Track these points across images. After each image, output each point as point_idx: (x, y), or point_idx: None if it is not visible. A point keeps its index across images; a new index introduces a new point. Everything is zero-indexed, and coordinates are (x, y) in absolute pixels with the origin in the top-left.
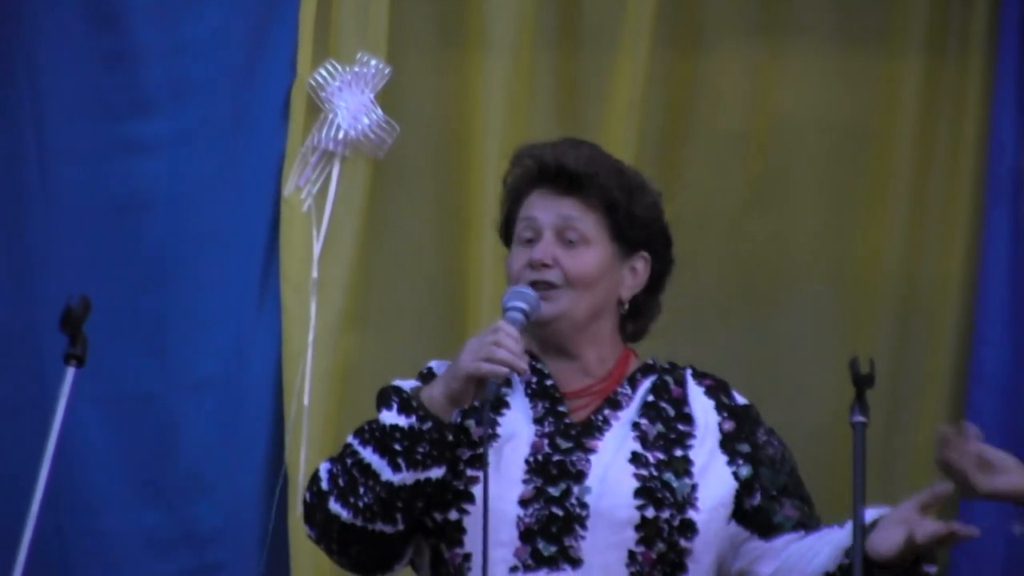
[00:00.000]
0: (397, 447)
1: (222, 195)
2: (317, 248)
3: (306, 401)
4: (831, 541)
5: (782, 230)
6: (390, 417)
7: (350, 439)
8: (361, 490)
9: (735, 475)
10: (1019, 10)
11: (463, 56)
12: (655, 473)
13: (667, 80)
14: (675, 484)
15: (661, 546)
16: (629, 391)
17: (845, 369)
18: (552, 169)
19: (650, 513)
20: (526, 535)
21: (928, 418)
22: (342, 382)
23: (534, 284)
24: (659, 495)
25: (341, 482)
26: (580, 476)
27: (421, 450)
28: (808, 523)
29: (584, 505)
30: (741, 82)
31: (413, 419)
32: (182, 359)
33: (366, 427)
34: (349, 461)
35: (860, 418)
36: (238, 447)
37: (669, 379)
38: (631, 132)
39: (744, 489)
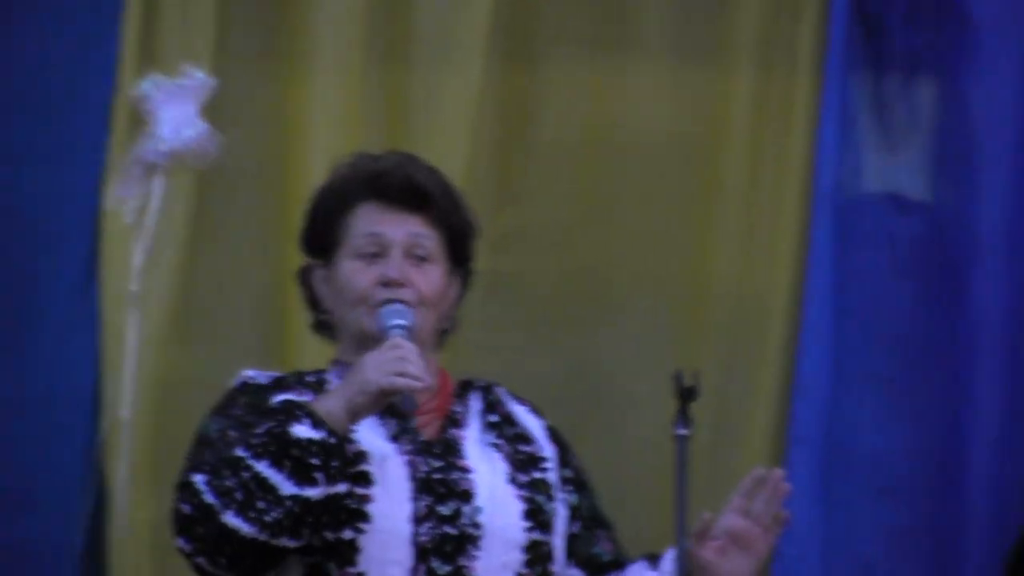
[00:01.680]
0: (315, 461)
1: (44, 210)
2: (138, 261)
3: (126, 414)
4: None
5: (614, 244)
6: (304, 431)
7: (240, 452)
8: (262, 504)
9: (566, 502)
10: (845, 26)
11: (290, 68)
12: (531, 495)
13: (500, 94)
14: (546, 507)
15: (539, 569)
16: (461, 408)
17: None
18: (399, 184)
19: (537, 536)
20: (421, 554)
21: (755, 431)
22: (165, 395)
23: (388, 303)
24: (542, 518)
25: (239, 496)
26: (467, 495)
27: (335, 464)
28: (621, 555)
29: (477, 525)
30: (574, 96)
31: (325, 433)
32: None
33: (257, 440)
34: (246, 475)
35: (683, 431)
36: (57, 464)
37: (492, 398)
38: (463, 146)
39: (571, 517)
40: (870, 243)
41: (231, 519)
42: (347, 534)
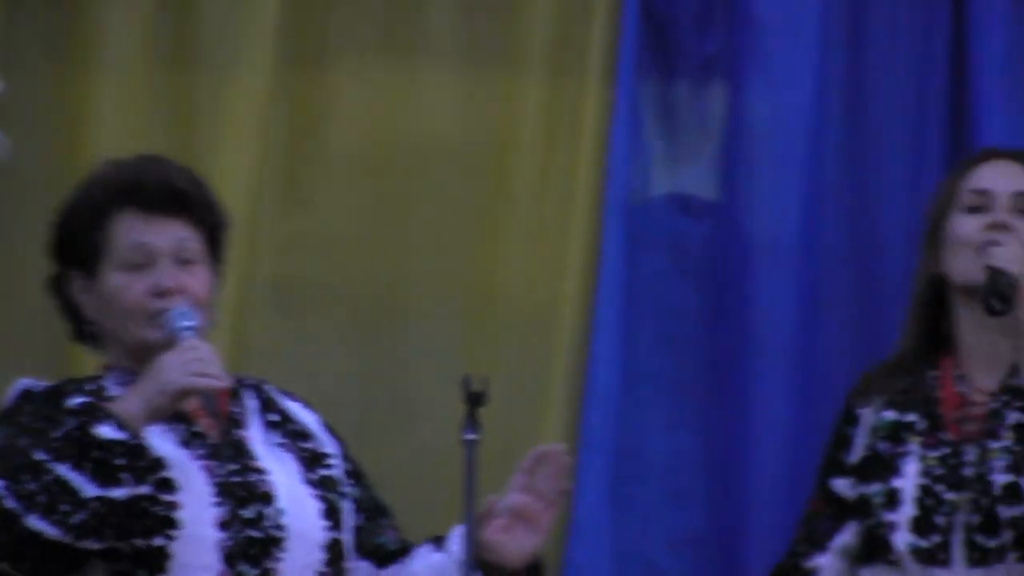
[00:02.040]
0: (119, 462)
1: None
2: None
3: None
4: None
5: (403, 249)
6: (107, 432)
7: (39, 456)
8: (65, 507)
9: (350, 495)
10: (636, 31)
11: (76, 72)
12: (324, 493)
13: (290, 99)
14: (339, 505)
15: (337, 567)
16: (239, 408)
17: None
18: (158, 190)
19: (335, 534)
20: (229, 559)
21: (546, 437)
22: None
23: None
24: (337, 516)
25: (41, 499)
26: (268, 498)
27: (142, 464)
28: (406, 541)
29: (280, 527)
30: (364, 100)
31: (128, 434)
32: None
33: (57, 443)
34: (47, 478)
35: (471, 435)
36: None
37: (265, 396)
38: (250, 150)
39: (356, 510)
40: (659, 248)
41: (34, 523)
42: (157, 541)
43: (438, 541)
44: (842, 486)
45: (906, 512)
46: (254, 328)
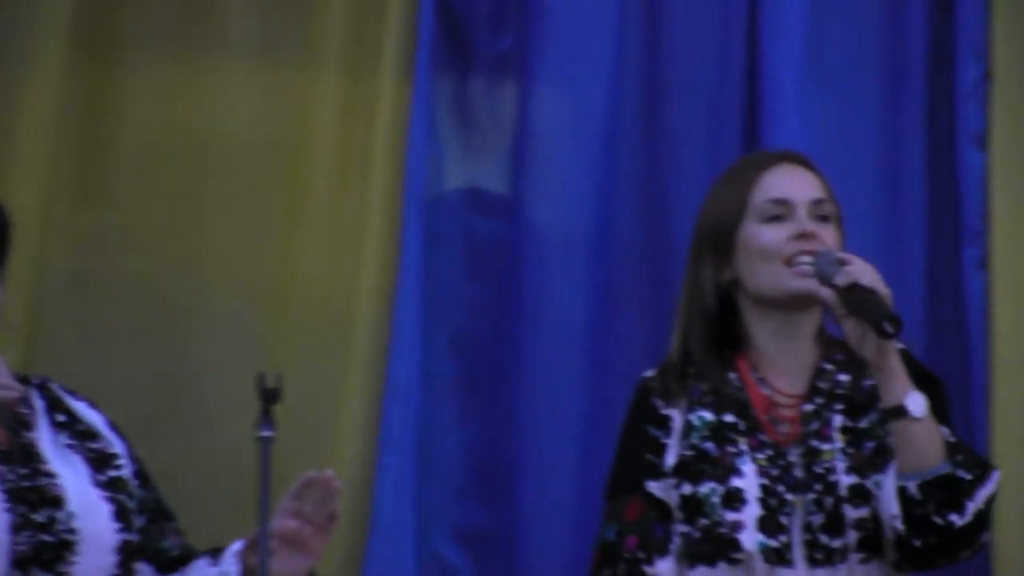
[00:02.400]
0: None
1: None
2: None
3: None
4: None
5: (200, 245)
6: None
7: None
8: None
9: (134, 496)
10: (432, 28)
11: None
12: (114, 495)
13: (84, 95)
14: (129, 506)
15: (127, 569)
16: (27, 409)
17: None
18: None
19: (127, 536)
20: (20, 564)
21: (344, 435)
22: None
23: None
24: (128, 517)
25: None
26: (58, 501)
27: None
28: (189, 548)
29: (73, 531)
30: (159, 96)
31: None
32: None
33: None
34: None
35: (266, 432)
36: None
37: (51, 395)
38: (44, 145)
39: (139, 511)
40: (454, 245)
41: None
42: None
43: (215, 554)
44: (657, 488)
45: (752, 511)
46: (48, 324)
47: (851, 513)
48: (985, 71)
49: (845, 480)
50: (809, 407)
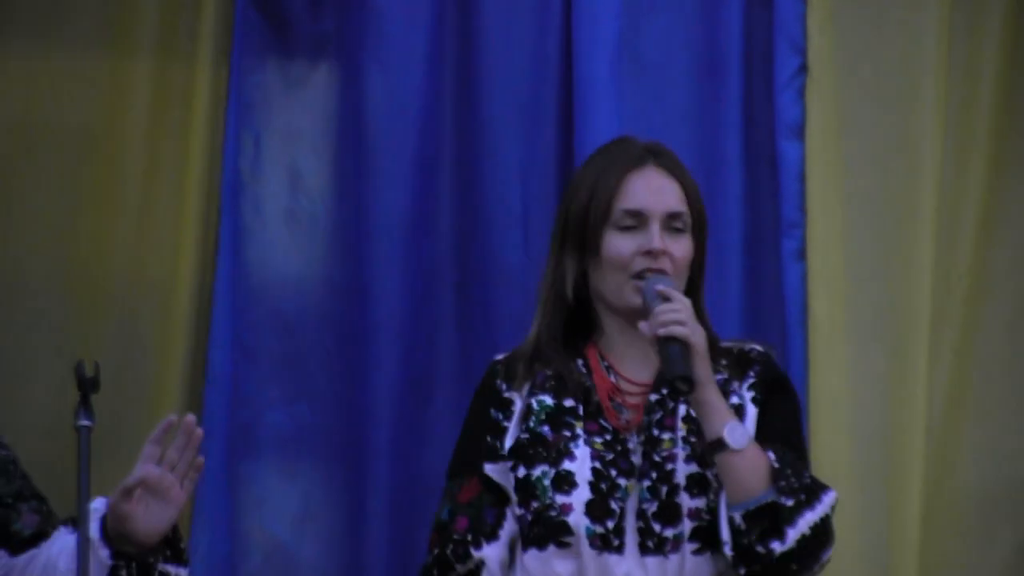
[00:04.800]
0: None
1: None
2: None
3: None
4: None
5: (15, 230)
6: None
7: None
8: None
9: None
10: (250, 11)
11: None
12: None
13: None
14: None
15: None
16: None
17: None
18: None
19: None
20: None
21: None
22: None
23: None
24: None
25: None
26: None
27: None
28: (45, 526)
29: None
30: None
31: None
32: None
33: None
34: None
35: (85, 422)
36: None
37: None
38: None
39: None
40: (275, 227)
41: None
42: None
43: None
44: (495, 471)
45: (582, 495)
46: None
47: (687, 502)
48: (802, 63)
49: (684, 469)
50: (655, 396)
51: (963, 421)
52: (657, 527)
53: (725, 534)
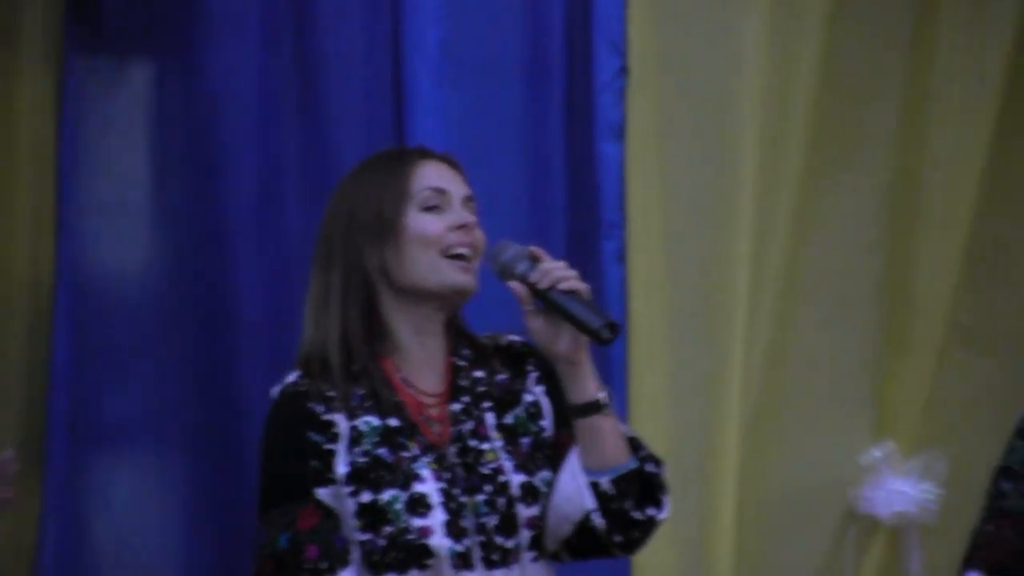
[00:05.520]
0: None
1: None
2: None
3: None
4: None
5: None
6: None
7: None
8: None
9: None
10: (73, 7)
11: None
12: None
13: None
14: None
15: None
16: None
17: None
18: None
19: None
20: None
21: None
22: None
23: None
24: None
25: None
26: None
27: None
28: None
29: None
30: None
31: None
32: None
33: None
34: None
35: None
36: None
37: None
38: None
39: None
40: (105, 219)
41: None
42: None
43: None
44: (327, 495)
45: (438, 517)
46: None
47: (524, 512)
48: (622, 64)
49: (516, 479)
50: (457, 406)
51: (778, 421)
52: (499, 539)
53: (589, 502)
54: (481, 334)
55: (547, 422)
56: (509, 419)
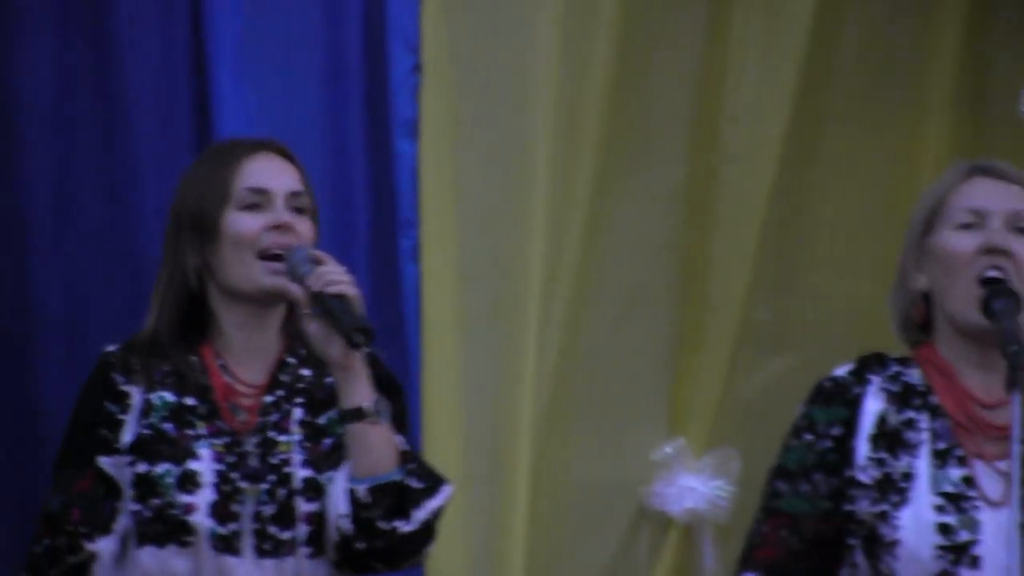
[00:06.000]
0: None
1: None
2: None
3: None
4: None
5: None
6: None
7: None
8: None
9: None
10: None
11: None
12: None
13: None
14: None
15: None
16: None
17: None
18: None
19: None
20: None
21: None
22: None
23: None
24: None
25: None
26: None
27: None
28: None
29: None
30: None
31: None
32: None
33: None
34: None
35: None
36: None
37: None
38: None
39: None
40: None
41: None
42: None
43: None
44: (109, 464)
45: (206, 496)
46: None
47: (303, 506)
48: (416, 62)
49: (300, 473)
50: (270, 399)
51: (571, 420)
52: (273, 530)
53: (343, 507)
54: None
55: None
56: (321, 419)
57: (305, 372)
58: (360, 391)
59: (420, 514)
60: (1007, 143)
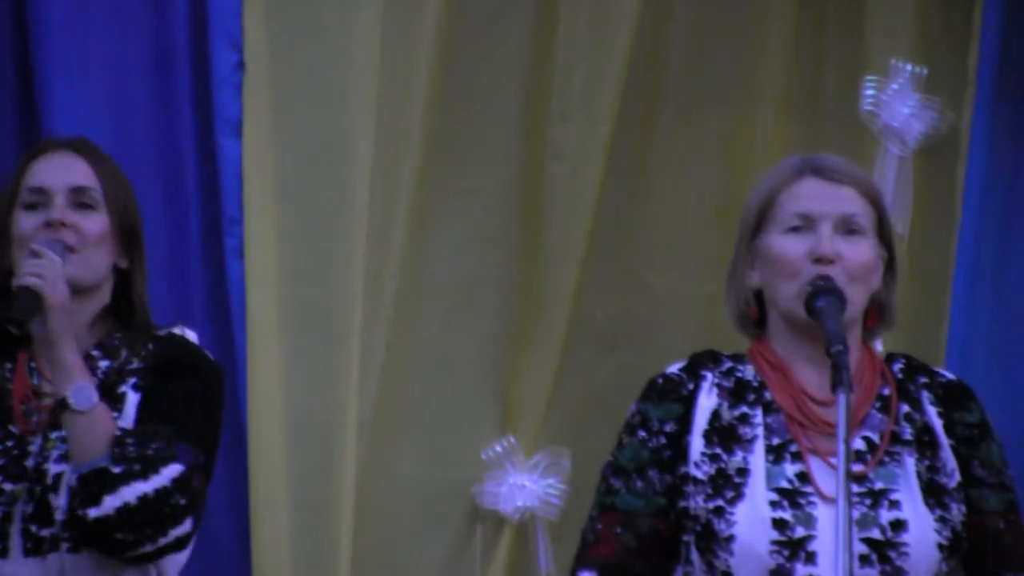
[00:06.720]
0: None
1: None
2: None
3: None
4: None
5: None
6: None
7: None
8: None
9: None
10: None
11: None
12: None
13: None
14: None
15: None
16: None
17: None
18: None
19: None
20: None
21: None
22: None
23: None
24: None
25: None
26: None
27: None
28: None
29: None
30: None
31: None
32: None
33: None
34: None
35: None
36: None
37: None
38: None
39: None
40: None
41: None
42: None
43: None
44: None
45: None
46: None
47: (57, 502)
48: (239, 59)
49: (54, 469)
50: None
51: (398, 420)
52: (34, 528)
53: (65, 498)
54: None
55: (128, 418)
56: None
57: (104, 364)
58: (65, 380)
59: (113, 500)
60: (841, 139)
